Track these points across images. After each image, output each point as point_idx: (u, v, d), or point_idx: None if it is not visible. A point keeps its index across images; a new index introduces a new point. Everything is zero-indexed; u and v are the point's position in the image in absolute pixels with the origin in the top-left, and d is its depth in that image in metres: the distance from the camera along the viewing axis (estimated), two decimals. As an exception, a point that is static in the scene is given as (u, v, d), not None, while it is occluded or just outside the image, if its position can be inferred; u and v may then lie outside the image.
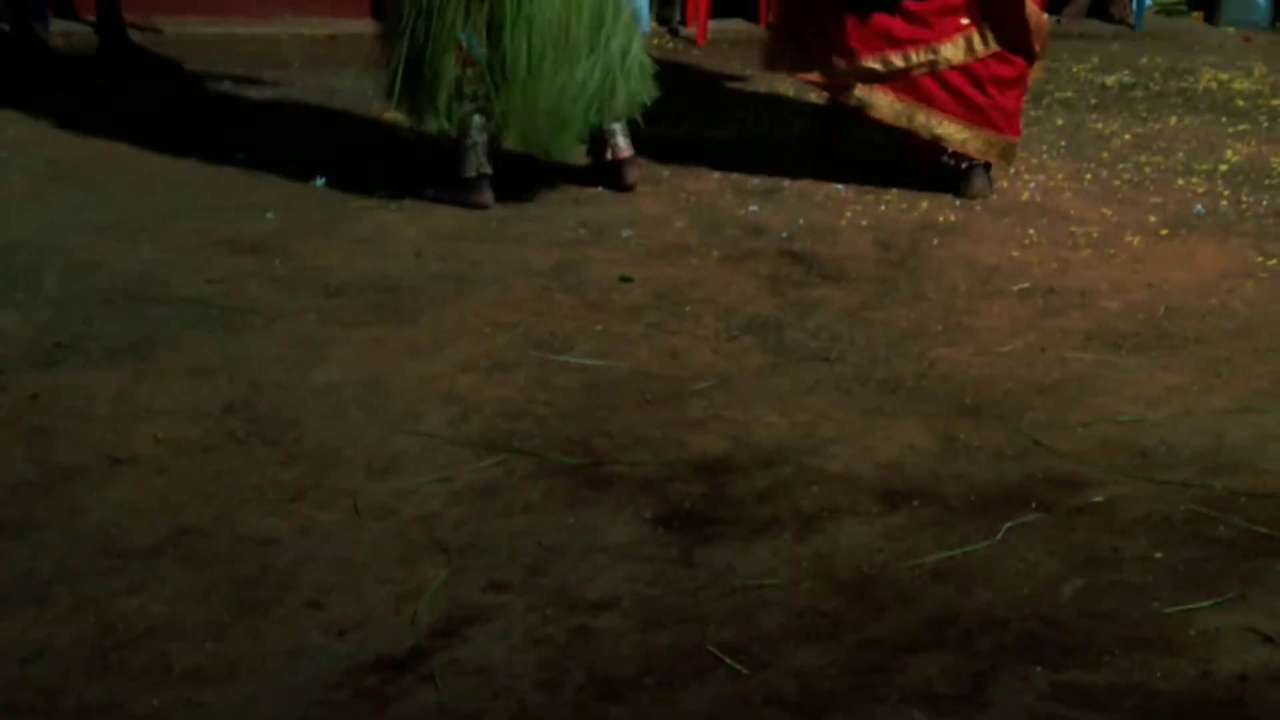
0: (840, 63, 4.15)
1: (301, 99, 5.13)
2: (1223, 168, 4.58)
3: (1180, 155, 4.71)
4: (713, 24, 6.45)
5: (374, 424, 2.72)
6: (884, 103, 4.16)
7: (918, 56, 4.12)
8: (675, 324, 3.27)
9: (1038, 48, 4.16)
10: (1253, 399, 2.95)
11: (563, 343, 3.14)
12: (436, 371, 2.97)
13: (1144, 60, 6.08)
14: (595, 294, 3.43)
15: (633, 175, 4.18)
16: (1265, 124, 5.16)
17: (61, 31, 5.93)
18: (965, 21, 4.10)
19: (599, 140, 4.14)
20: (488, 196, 4.00)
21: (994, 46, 4.12)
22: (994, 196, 4.22)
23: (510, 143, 4.01)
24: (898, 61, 4.12)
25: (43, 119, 4.70)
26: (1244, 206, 4.21)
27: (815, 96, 4.58)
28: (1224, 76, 5.85)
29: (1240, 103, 5.46)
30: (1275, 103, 5.47)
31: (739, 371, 3.04)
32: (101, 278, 3.39)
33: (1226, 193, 4.33)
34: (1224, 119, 5.20)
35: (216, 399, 2.80)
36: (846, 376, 3.02)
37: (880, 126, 4.24)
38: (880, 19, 4.11)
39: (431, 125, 3.94)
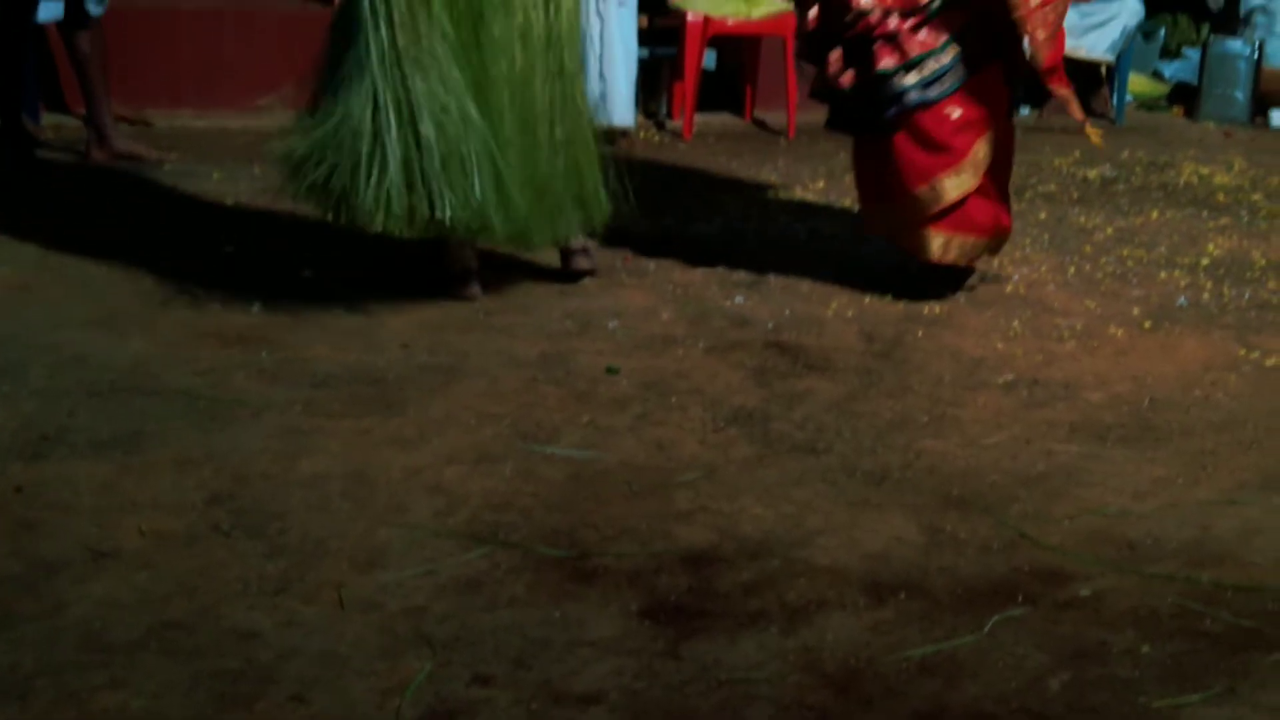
0: (904, 211, 4.07)
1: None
2: (1204, 261, 4.62)
3: (1162, 248, 4.75)
4: (699, 117, 6.53)
5: (359, 516, 2.71)
6: (935, 243, 4.09)
7: (944, 185, 4.03)
8: (662, 415, 3.28)
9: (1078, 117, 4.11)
10: (1238, 491, 2.95)
11: (549, 434, 3.14)
12: (422, 463, 2.96)
13: (1125, 154, 6.16)
14: (582, 385, 3.44)
15: (581, 263, 4.14)
16: (1246, 218, 5.21)
17: (52, 124, 5.98)
18: (956, 115, 4.03)
19: None
20: (474, 289, 4.00)
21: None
22: (978, 288, 4.24)
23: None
24: (928, 195, 4.04)
25: (32, 211, 4.72)
26: (1226, 299, 4.25)
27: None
28: (1205, 171, 5.93)
29: (1221, 197, 5.52)
30: (1256, 197, 5.53)
31: (725, 463, 3.04)
32: (88, 370, 3.39)
33: (1209, 286, 4.36)
34: (1205, 213, 5.26)
35: (201, 491, 2.79)
36: (833, 468, 3.02)
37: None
38: (904, 143, 4.04)
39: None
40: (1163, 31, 7.62)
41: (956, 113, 3.99)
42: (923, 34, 3.98)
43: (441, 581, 2.47)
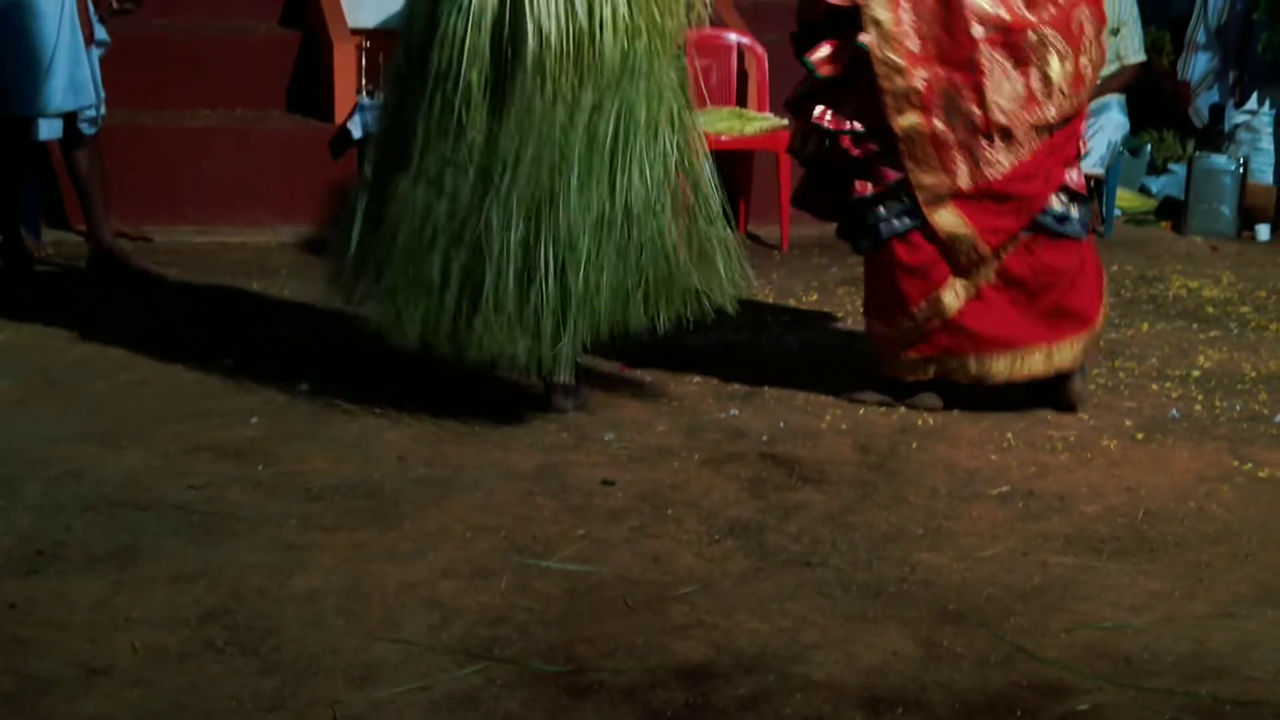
0: (907, 323, 4.06)
1: (288, 306, 5.20)
2: (1195, 373, 4.65)
3: (1153, 360, 4.79)
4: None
5: (354, 631, 2.71)
6: (910, 363, 4.10)
7: (921, 313, 4.02)
8: (657, 528, 3.28)
9: (962, 259, 4.01)
10: (1234, 605, 2.95)
11: (545, 547, 3.14)
12: (418, 577, 2.96)
13: (1114, 268, 6.21)
14: (578, 498, 3.44)
15: (562, 404, 4.00)
16: (1235, 330, 5.25)
17: (53, 240, 6.03)
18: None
19: None
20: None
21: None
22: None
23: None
24: (906, 323, 4.05)
25: (32, 326, 4.75)
26: (1218, 411, 4.27)
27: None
28: (1193, 284, 5.98)
29: (1210, 310, 5.57)
30: (1244, 310, 5.58)
31: (721, 576, 3.03)
32: (84, 484, 3.40)
33: (1200, 397, 4.39)
34: (1195, 325, 5.30)
35: (196, 607, 2.78)
36: (829, 581, 3.02)
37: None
38: (882, 269, 4.03)
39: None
40: (1149, 148, 7.72)
41: (927, 245, 4.02)
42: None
43: (436, 698, 2.46)
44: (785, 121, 6.67)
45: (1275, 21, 7.02)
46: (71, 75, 5.34)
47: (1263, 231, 7.06)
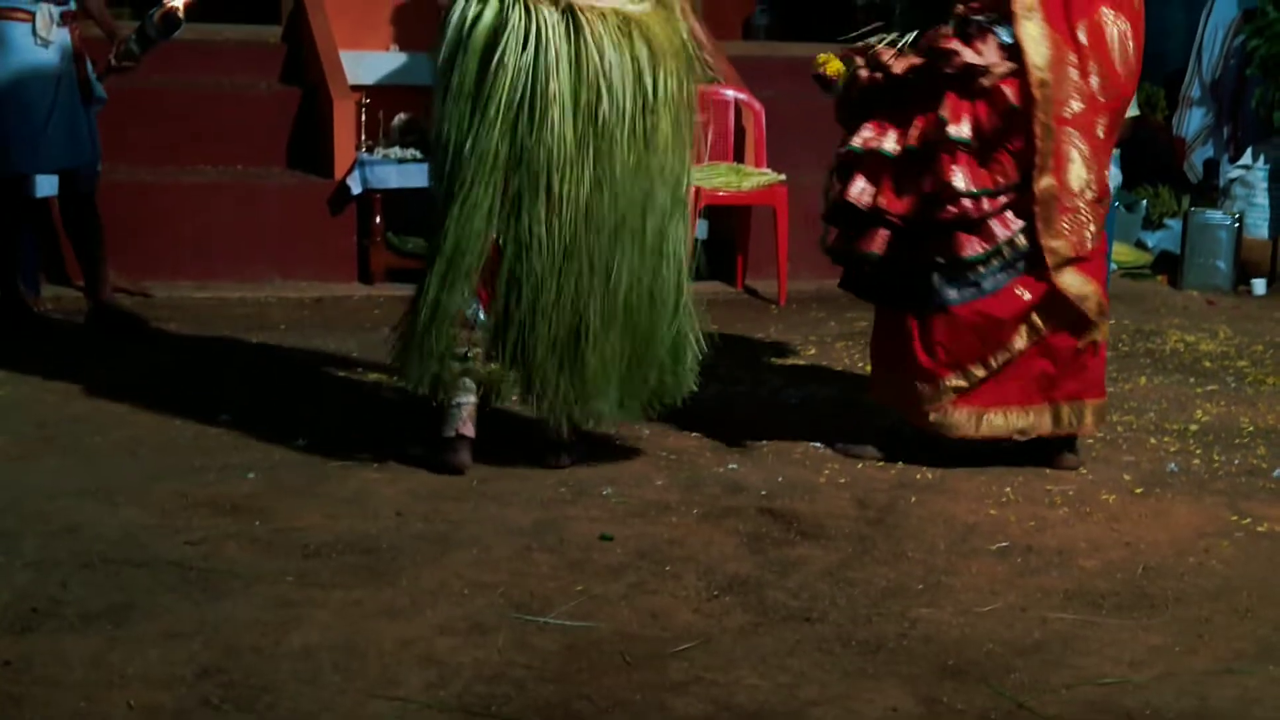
0: (926, 388, 4.03)
1: (287, 361, 5.20)
2: (1193, 427, 4.65)
3: (1151, 414, 4.79)
4: (692, 286, 6.60)
5: (350, 689, 2.69)
6: (961, 418, 4.05)
7: (996, 362, 3.99)
8: (656, 583, 3.27)
9: (1093, 317, 3.99)
10: (1235, 660, 2.94)
11: (542, 604, 3.13)
12: (415, 634, 2.94)
13: (1112, 322, 6.22)
14: (575, 553, 3.43)
15: (557, 461, 4.02)
16: (1233, 384, 5.26)
17: (52, 296, 6.04)
18: (1026, 298, 3.96)
19: None
20: (464, 458, 3.94)
21: (1051, 323, 3.99)
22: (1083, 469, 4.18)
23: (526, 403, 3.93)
24: (979, 372, 4.01)
25: (30, 382, 4.75)
26: (1216, 465, 4.26)
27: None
28: (1190, 338, 5.99)
29: (1207, 364, 5.57)
30: (1242, 364, 5.58)
31: (720, 632, 3.02)
32: (81, 541, 3.39)
33: (1199, 452, 4.39)
34: (1192, 379, 5.30)
35: (191, 664, 2.77)
36: (828, 637, 3.01)
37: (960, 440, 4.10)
38: (959, 325, 3.97)
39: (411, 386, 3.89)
40: (1144, 203, 7.76)
41: (1024, 294, 3.96)
42: (1008, 215, 3.93)
43: (433, 756, 2.44)
44: (782, 177, 6.72)
45: (1268, 78, 7.08)
46: (69, 133, 5.37)
47: (1259, 286, 7.08)
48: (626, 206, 3.79)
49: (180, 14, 5.06)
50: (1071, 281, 3.94)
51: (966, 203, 3.88)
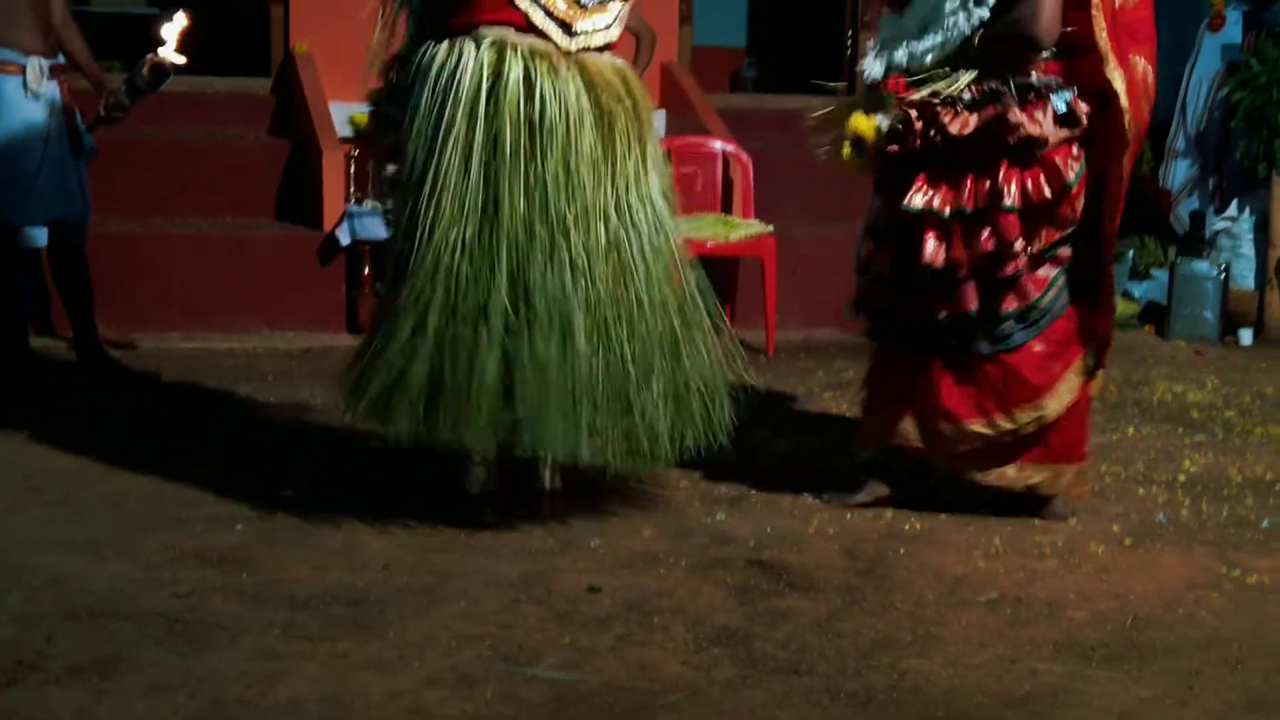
0: (946, 427, 4.03)
1: (274, 411, 5.20)
2: (1181, 478, 4.66)
3: (1140, 465, 4.79)
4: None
5: (337, 742, 2.67)
6: (983, 467, 4.07)
7: (1025, 416, 3.99)
8: (644, 635, 3.26)
9: (1106, 362, 4.11)
10: (1226, 712, 2.93)
11: (530, 655, 3.11)
12: (402, 687, 2.93)
13: (1100, 371, 6.25)
14: (563, 605, 3.42)
15: (550, 508, 4.00)
16: (1220, 435, 5.27)
17: (40, 346, 6.03)
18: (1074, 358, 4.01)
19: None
20: (490, 514, 3.91)
21: (1090, 378, 4.04)
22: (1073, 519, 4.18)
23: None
24: (1005, 424, 4.00)
25: (17, 433, 4.74)
26: (1205, 516, 4.26)
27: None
28: (1178, 388, 6.01)
29: (1195, 414, 5.58)
30: (1229, 414, 5.60)
31: (709, 684, 3.01)
32: (67, 593, 3.37)
33: (1187, 502, 4.39)
34: (1180, 430, 5.31)
35: (177, 717, 2.75)
36: (817, 689, 2.99)
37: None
38: (986, 371, 3.98)
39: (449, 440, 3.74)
40: (1131, 253, 7.80)
41: (1046, 351, 3.99)
42: (1042, 270, 3.97)
43: (420, 810, 2.42)
44: (770, 228, 6.75)
45: (1252, 130, 7.14)
46: (59, 184, 5.38)
47: (1245, 336, 7.11)
48: (625, 252, 3.78)
49: (170, 65, 5.08)
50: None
51: (1019, 262, 3.91)
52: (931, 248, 3.94)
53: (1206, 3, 7.70)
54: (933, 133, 3.89)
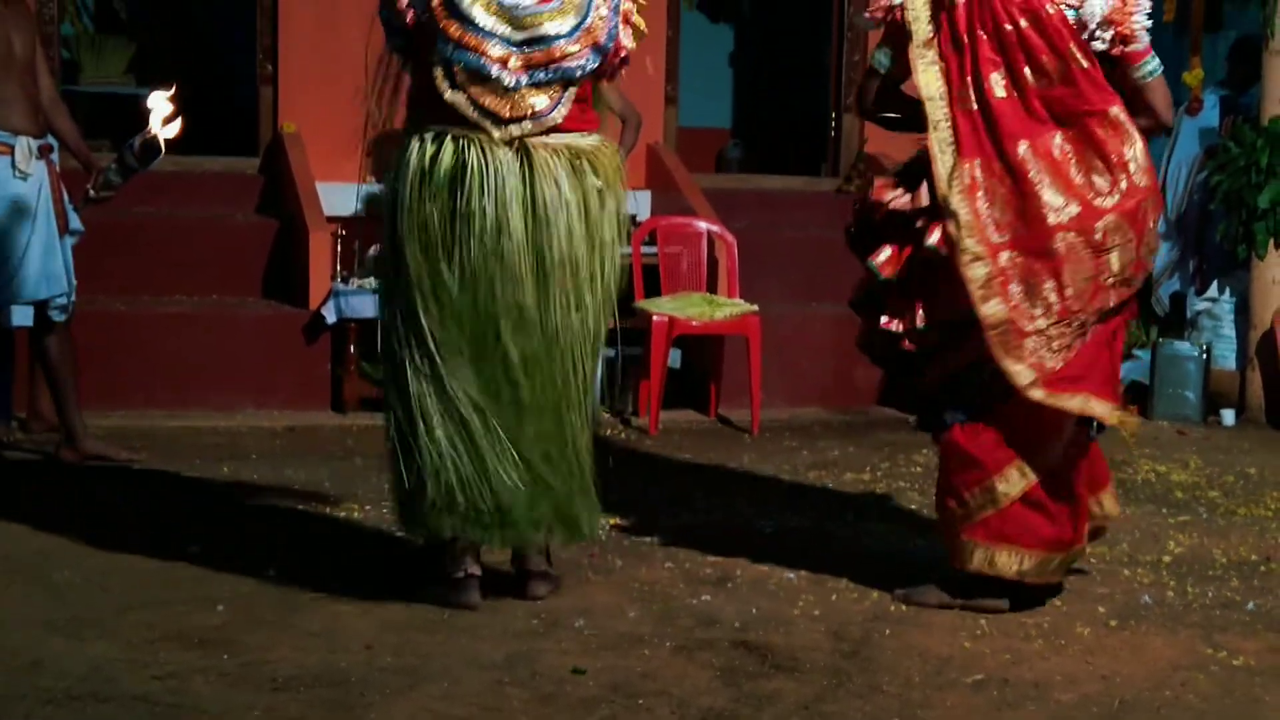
0: (943, 513, 4.02)
1: (258, 491, 5.18)
2: (1166, 559, 4.66)
3: (1124, 546, 4.79)
4: (665, 415, 6.62)
5: (318, 828, 2.64)
6: (968, 552, 3.98)
7: (975, 500, 3.95)
8: (628, 718, 3.24)
9: (1115, 422, 4.00)
10: (1213, 796, 2.91)
11: (514, 740, 3.08)
12: (384, 771, 2.90)
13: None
14: (548, 687, 3.39)
15: (539, 590, 3.99)
16: (1205, 515, 5.27)
17: (21, 424, 6.01)
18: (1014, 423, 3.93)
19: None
20: (475, 597, 3.90)
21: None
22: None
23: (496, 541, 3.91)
24: (957, 510, 3.97)
25: (-1, 512, 4.72)
26: (1191, 598, 4.26)
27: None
28: (1162, 468, 6.02)
29: (1179, 494, 5.59)
30: (1213, 494, 5.61)
31: (694, 769, 2.98)
32: (46, 676, 3.33)
33: (1172, 584, 4.39)
34: (1164, 510, 5.32)
35: (156, 802, 2.71)
36: (803, 774, 2.97)
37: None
38: (958, 447, 3.95)
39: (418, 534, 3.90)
40: (1113, 333, 7.85)
41: (1003, 427, 3.93)
42: (966, 348, 3.94)
43: None
44: (754, 307, 6.78)
45: (1231, 212, 7.21)
46: (44, 264, 5.39)
47: (1228, 417, 7.14)
48: (567, 340, 3.84)
49: (160, 143, 5.11)
50: (1055, 400, 3.88)
51: (904, 344, 3.96)
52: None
53: (1184, 87, 7.80)
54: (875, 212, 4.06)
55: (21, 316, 5.50)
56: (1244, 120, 7.43)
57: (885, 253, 4.01)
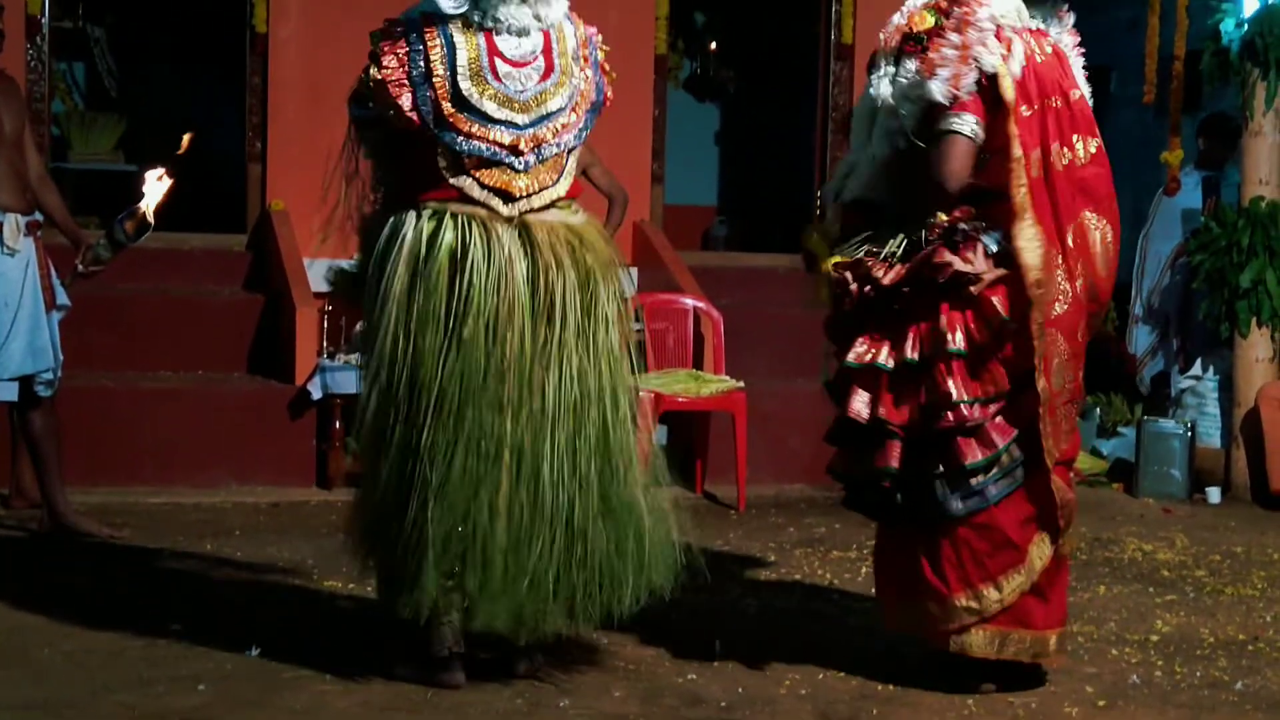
0: (936, 609, 3.91)
1: (241, 568, 5.14)
2: (1154, 638, 4.64)
3: (1112, 624, 4.77)
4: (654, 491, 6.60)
5: None
6: (981, 640, 3.92)
7: (1010, 584, 3.87)
8: (614, 801, 3.20)
9: (1062, 523, 3.90)
10: None
11: (497, 822, 3.05)
12: None
13: (1084, 530, 6.26)
14: (532, 769, 3.36)
15: (523, 668, 3.95)
16: (1191, 594, 5.26)
17: (3, 501, 5.98)
18: (1030, 510, 3.89)
19: None
20: (460, 676, 3.85)
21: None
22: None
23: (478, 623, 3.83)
24: (992, 594, 3.87)
25: (-21, 589, 4.68)
26: (1179, 678, 4.24)
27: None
28: (1148, 547, 6.01)
29: (1166, 573, 5.58)
30: (1200, 573, 5.60)
31: None
32: (23, 755, 3.30)
33: (1160, 663, 4.37)
34: (1151, 589, 5.31)
35: None
36: None
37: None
38: (966, 539, 3.87)
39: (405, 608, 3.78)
40: (1097, 410, 7.86)
41: (1023, 509, 3.88)
42: (1001, 422, 3.87)
43: None
44: (740, 384, 6.79)
45: (1214, 291, 7.26)
46: (30, 340, 5.39)
47: (1213, 494, 7.14)
48: (574, 420, 3.80)
49: (150, 218, 5.13)
50: (1058, 485, 3.89)
51: (964, 410, 3.82)
52: (859, 403, 3.92)
53: (1163, 167, 7.88)
54: (867, 288, 3.93)
55: (5, 391, 5.49)
56: (1225, 201, 7.49)
57: (881, 351, 3.92)
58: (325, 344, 6.74)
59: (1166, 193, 7.91)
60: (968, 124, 3.85)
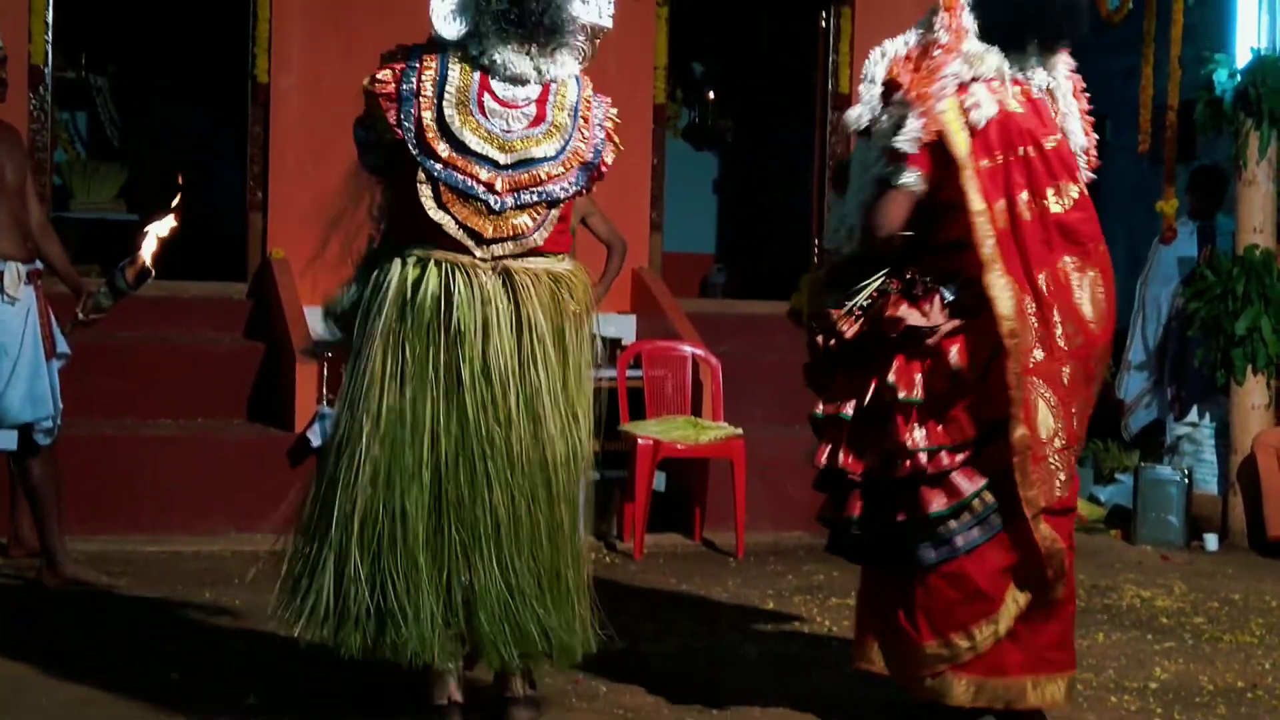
0: (910, 654, 3.89)
1: (240, 616, 5.13)
2: (1153, 685, 4.63)
3: (1110, 672, 4.77)
4: (650, 538, 6.61)
5: None
6: (959, 688, 3.87)
7: (982, 634, 3.84)
8: None
9: (1050, 574, 3.86)
10: None
11: None
12: None
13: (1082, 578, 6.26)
14: (530, 818, 3.35)
15: (522, 717, 3.92)
16: (1190, 641, 5.26)
17: (1, 549, 5.98)
18: (1004, 560, 3.86)
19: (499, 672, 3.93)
20: None
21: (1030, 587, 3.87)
22: None
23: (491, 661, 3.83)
24: (963, 643, 3.84)
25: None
26: (1177, 724, 4.24)
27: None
28: (1146, 594, 6.01)
29: (1164, 620, 5.58)
30: (1198, 620, 5.59)
31: None
32: (20, 805, 3.29)
33: (1159, 711, 4.36)
34: (1150, 636, 5.30)
35: None
36: None
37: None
38: (937, 587, 3.84)
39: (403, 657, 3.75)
40: (1093, 456, 7.87)
41: (1000, 557, 3.86)
42: (971, 470, 3.85)
43: None
44: (739, 431, 6.80)
45: (1209, 339, 7.29)
46: (30, 388, 5.40)
47: (1211, 541, 7.14)
48: (552, 466, 3.84)
49: (150, 266, 5.16)
50: (1045, 534, 3.85)
51: (922, 458, 3.82)
52: (825, 453, 3.98)
53: (1158, 216, 7.93)
54: (831, 341, 3.97)
55: (5, 440, 5.50)
56: (1220, 249, 7.53)
57: (848, 403, 3.96)
58: (325, 392, 6.75)
59: (1162, 241, 7.96)
60: (907, 174, 3.86)
